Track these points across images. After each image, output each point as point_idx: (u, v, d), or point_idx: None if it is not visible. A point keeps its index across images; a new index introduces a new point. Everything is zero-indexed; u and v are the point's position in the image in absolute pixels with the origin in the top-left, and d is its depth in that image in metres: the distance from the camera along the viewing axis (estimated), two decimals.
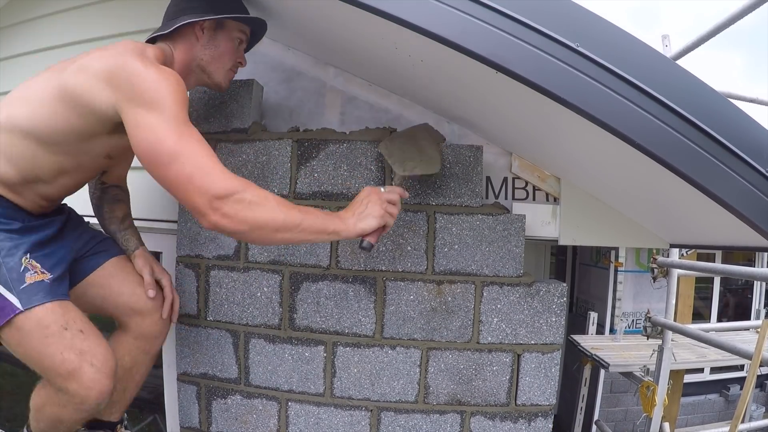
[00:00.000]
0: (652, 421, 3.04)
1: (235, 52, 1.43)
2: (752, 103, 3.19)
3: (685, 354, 4.17)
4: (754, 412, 5.64)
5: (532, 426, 1.58)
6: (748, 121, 1.12)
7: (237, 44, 1.43)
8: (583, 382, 4.52)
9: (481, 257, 1.58)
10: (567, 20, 1.06)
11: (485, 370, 1.58)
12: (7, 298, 1.13)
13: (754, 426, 3.75)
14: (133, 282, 1.45)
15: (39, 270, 1.19)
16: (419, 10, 1.06)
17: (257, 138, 1.68)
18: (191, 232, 1.71)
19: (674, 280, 3.18)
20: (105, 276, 1.43)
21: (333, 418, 1.62)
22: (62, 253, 1.32)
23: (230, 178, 1.09)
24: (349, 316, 1.61)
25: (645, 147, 1.05)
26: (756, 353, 2.42)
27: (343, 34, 1.52)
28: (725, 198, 1.10)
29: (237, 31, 1.42)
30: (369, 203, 1.24)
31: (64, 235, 1.38)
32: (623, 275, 5.36)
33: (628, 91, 1.04)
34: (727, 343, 2.66)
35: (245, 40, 1.47)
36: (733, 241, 1.47)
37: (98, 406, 1.18)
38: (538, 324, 1.57)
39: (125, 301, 1.43)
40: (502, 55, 1.04)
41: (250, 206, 1.08)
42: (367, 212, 1.22)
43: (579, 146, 1.42)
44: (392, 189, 1.32)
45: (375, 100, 1.81)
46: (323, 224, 1.17)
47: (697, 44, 2.50)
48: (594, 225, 1.67)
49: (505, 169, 1.74)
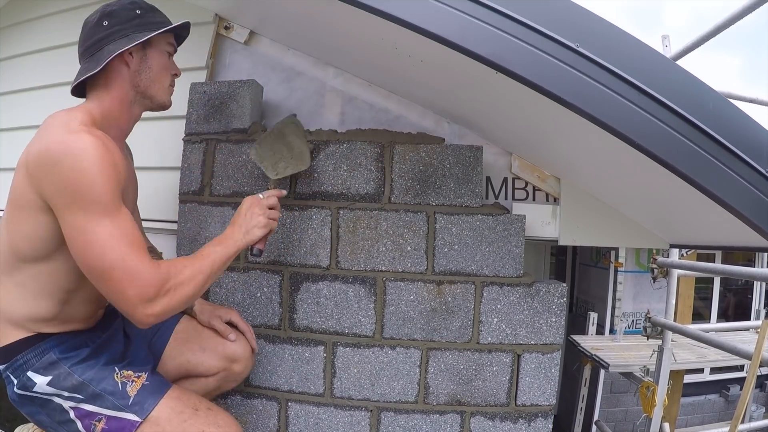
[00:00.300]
0: (652, 421, 3.04)
1: (170, 66, 1.32)
2: (752, 103, 3.19)
3: (685, 354, 4.17)
4: (754, 412, 5.64)
5: (532, 426, 1.58)
6: (747, 121, 1.12)
7: (168, 57, 1.33)
8: (583, 382, 4.51)
9: (481, 257, 1.58)
10: (567, 20, 1.06)
11: (485, 370, 1.58)
12: (124, 417, 1.15)
13: (754, 426, 3.75)
14: (208, 337, 1.42)
15: (134, 377, 1.21)
16: (419, 11, 1.06)
17: (257, 138, 1.67)
18: (191, 232, 1.71)
19: (674, 280, 3.18)
20: (178, 346, 1.41)
21: (333, 418, 1.62)
22: (140, 348, 1.34)
23: (154, 272, 1.07)
24: (349, 316, 1.61)
25: (645, 147, 1.05)
26: (756, 353, 2.41)
27: (343, 34, 1.52)
28: (725, 198, 1.10)
29: (165, 43, 1.30)
30: (252, 215, 1.30)
31: (131, 333, 1.38)
32: (623, 275, 5.35)
33: (628, 91, 1.04)
34: (727, 344, 2.66)
35: (175, 49, 1.36)
36: (733, 241, 1.47)
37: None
38: (538, 324, 1.57)
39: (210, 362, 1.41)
40: (502, 55, 1.04)
41: (176, 291, 1.10)
42: (252, 224, 1.29)
43: (579, 146, 1.42)
44: (270, 194, 1.37)
45: (375, 100, 1.81)
46: (225, 253, 1.22)
47: (697, 44, 2.49)
48: (594, 225, 1.67)
49: (505, 169, 1.74)
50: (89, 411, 1.15)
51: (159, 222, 1.90)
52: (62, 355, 1.18)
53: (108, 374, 1.19)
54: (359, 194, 1.62)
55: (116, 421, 1.15)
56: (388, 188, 1.61)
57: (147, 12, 1.25)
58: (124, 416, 1.15)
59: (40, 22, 2.28)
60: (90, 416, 1.15)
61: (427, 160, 1.61)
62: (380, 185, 1.61)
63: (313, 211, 1.63)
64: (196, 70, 1.88)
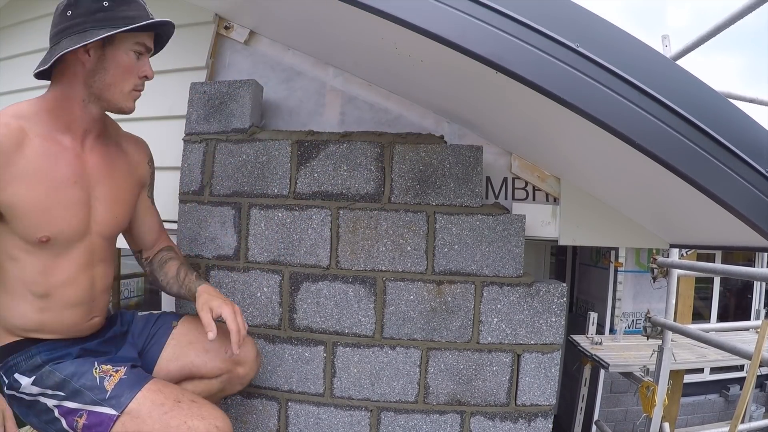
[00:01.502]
0: (652, 421, 3.04)
1: (135, 68, 1.17)
2: (752, 103, 3.19)
3: (685, 354, 4.17)
4: (754, 412, 5.64)
5: (532, 426, 1.58)
6: (747, 122, 1.12)
7: (136, 58, 1.18)
8: (583, 382, 4.51)
9: (481, 257, 1.58)
10: (567, 20, 1.06)
11: (485, 370, 1.58)
12: (102, 412, 1.14)
13: (754, 426, 3.75)
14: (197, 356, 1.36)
15: (112, 371, 1.20)
16: (419, 10, 1.05)
17: (257, 138, 1.68)
18: (191, 232, 1.71)
19: (674, 280, 3.18)
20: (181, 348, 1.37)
21: (333, 418, 1.62)
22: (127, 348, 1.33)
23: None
24: (349, 316, 1.61)
25: (645, 147, 1.05)
26: (756, 353, 2.41)
27: (343, 34, 1.52)
28: (725, 198, 1.10)
29: (133, 42, 1.15)
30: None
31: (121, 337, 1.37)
32: (623, 275, 5.35)
33: (628, 91, 1.04)
34: (727, 343, 2.66)
35: (148, 49, 1.20)
36: (733, 241, 1.47)
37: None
38: (538, 324, 1.57)
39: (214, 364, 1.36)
40: (502, 55, 1.04)
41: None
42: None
43: (579, 146, 1.42)
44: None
45: (375, 100, 1.81)
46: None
47: (697, 44, 2.49)
48: (594, 225, 1.67)
49: (505, 169, 1.74)
50: (71, 408, 1.15)
51: None
52: (47, 357, 1.19)
53: (87, 369, 1.19)
54: (359, 194, 1.62)
55: (95, 416, 1.14)
56: (388, 188, 1.61)
57: (115, 5, 1.11)
58: (102, 410, 1.14)
59: (40, 22, 2.28)
60: (72, 413, 1.15)
61: (427, 160, 1.61)
62: (380, 185, 1.61)
63: (313, 211, 1.63)
64: (196, 69, 1.88)
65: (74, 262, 1.21)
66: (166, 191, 1.82)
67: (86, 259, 1.23)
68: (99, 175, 1.24)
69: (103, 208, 1.25)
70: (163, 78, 1.97)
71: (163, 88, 1.94)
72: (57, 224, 1.15)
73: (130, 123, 1.98)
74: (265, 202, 1.65)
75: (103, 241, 1.27)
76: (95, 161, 1.23)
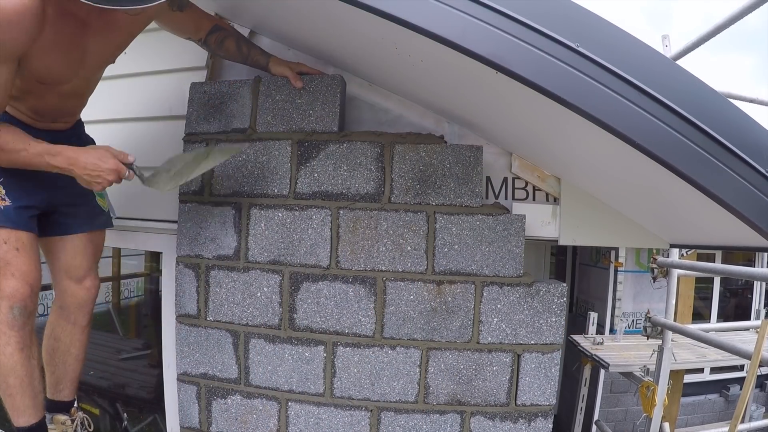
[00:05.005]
0: (652, 421, 3.04)
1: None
2: (752, 103, 3.19)
3: (685, 354, 4.17)
4: (754, 412, 5.64)
5: (532, 426, 1.58)
6: (748, 122, 1.12)
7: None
8: (583, 382, 4.51)
9: (481, 257, 1.58)
10: (567, 21, 1.06)
11: (485, 370, 1.58)
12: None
13: (754, 426, 3.75)
14: (76, 256, 1.50)
15: (2, 196, 1.29)
16: (419, 11, 1.06)
17: (257, 138, 1.68)
18: (191, 232, 1.71)
19: (674, 280, 3.18)
20: (61, 247, 1.49)
21: (333, 418, 1.62)
22: (39, 194, 1.37)
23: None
24: (349, 316, 1.61)
25: (645, 147, 1.06)
26: (755, 353, 2.42)
27: (343, 34, 1.52)
28: (725, 198, 1.10)
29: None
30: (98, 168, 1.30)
31: (48, 181, 1.38)
32: (623, 275, 5.35)
33: (628, 92, 1.04)
34: (726, 343, 2.66)
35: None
36: (733, 241, 1.47)
37: (22, 310, 1.28)
38: (538, 324, 1.57)
39: (61, 265, 1.49)
40: (503, 55, 1.04)
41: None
42: (93, 173, 1.30)
43: (579, 146, 1.42)
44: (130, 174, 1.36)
45: (375, 100, 1.80)
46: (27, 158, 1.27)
47: (698, 44, 2.49)
48: (594, 225, 1.67)
49: (505, 169, 1.74)
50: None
51: (159, 222, 1.90)
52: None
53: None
54: (359, 194, 1.62)
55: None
56: (388, 188, 1.61)
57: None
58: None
59: None
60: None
61: (427, 160, 1.60)
62: (380, 185, 1.61)
63: (313, 211, 1.63)
64: (196, 69, 1.88)
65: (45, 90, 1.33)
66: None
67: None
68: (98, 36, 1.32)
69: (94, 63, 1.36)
70: (163, 78, 1.97)
71: (163, 88, 1.95)
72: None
73: (130, 123, 1.99)
74: (265, 201, 1.65)
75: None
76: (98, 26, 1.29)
